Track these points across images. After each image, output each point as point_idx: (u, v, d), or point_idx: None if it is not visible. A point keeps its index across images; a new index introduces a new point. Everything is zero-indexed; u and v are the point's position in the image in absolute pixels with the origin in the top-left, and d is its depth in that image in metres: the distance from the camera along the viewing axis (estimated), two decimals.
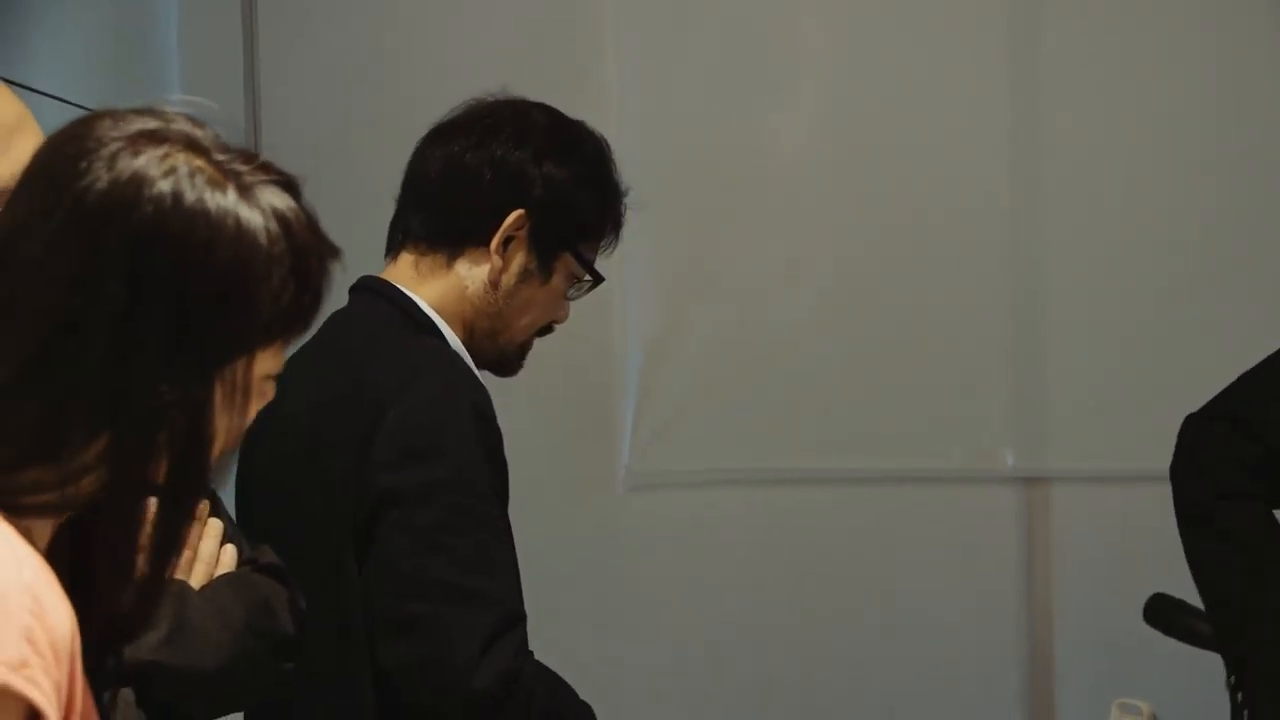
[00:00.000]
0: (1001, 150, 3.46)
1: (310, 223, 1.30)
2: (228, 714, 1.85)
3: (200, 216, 1.24)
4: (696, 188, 3.49)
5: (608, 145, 2.32)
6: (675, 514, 3.49)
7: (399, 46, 3.50)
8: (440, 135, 2.27)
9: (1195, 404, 3.42)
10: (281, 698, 1.97)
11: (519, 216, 2.19)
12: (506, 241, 2.20)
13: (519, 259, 2.21)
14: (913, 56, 3.46)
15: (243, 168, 1.28)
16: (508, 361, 2.30)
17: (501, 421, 3.46)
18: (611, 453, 3.50)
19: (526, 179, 2.21)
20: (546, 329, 2.32)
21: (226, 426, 1.27)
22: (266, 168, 1.29)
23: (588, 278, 2.28)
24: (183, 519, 1.28)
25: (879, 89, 3.47)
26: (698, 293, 3.49)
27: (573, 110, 3.48)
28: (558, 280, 2.25)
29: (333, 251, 1.32)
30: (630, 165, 3.46)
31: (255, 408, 1.32)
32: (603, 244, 2.30)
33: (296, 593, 1.81)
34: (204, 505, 1.75)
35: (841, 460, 3.48)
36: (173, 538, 1.28)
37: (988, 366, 3.47)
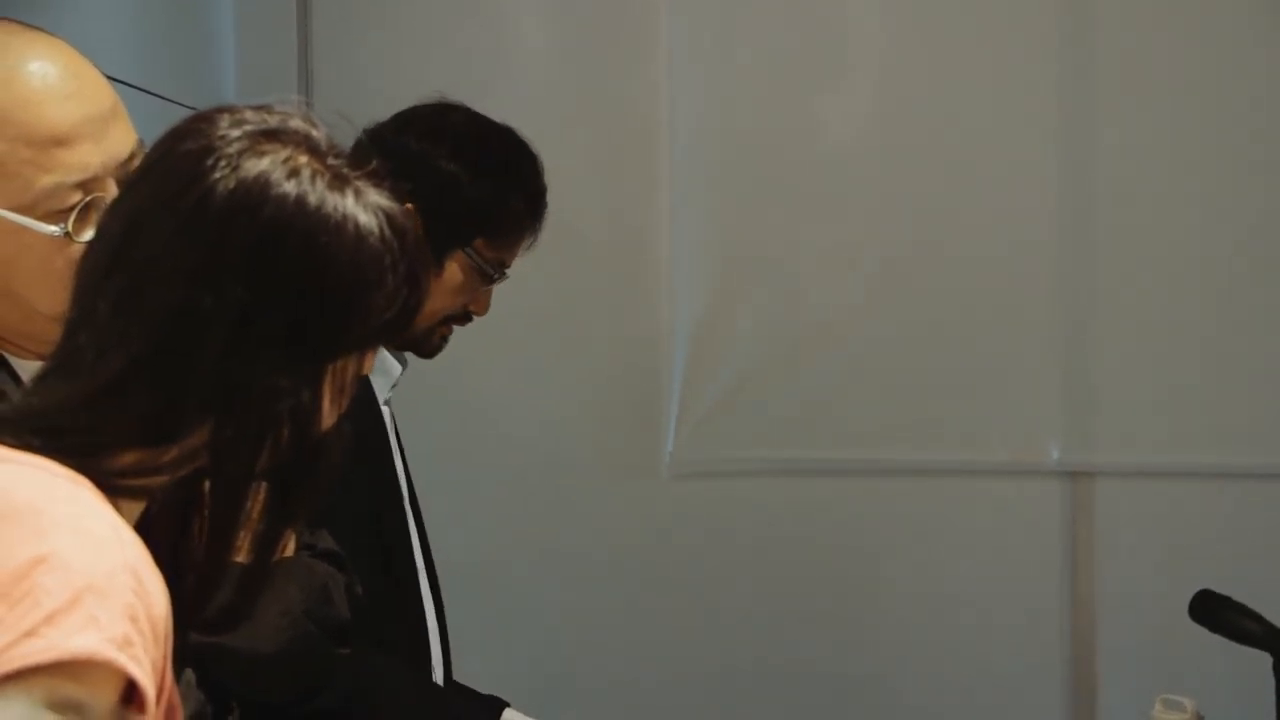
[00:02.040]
0: (1052, 141, 3.44)
1: (419, 227, 1.33)
2: (284, 697, 1.86)
3: (322, 220, 1.27)
4: (746, 173, 3.48)
5: (525, 147, 2.36)
6: (719, 502, 3.49)
7: (452, 27, 3.50)
8: (379, 125, 2.32)
9: (1243, 399, 3.41)
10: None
11: (408, 211, 2.22)
12: None
13: None
14: (966, 45, 3.45)
15: (357, 171, 1.31)
16: (418, 346, 2.34)
17: (546, 406, 3.48)
18: (656, 439, 3.50)
19: (420, 172, 2.24)
20: (463, 317, 2.35)
21: (330, 421, 1.30)
22: (374, 174, 1.32)
23: (500, 274, 2.32)
24: (289, 515, 1.31)
25: (931, 77, 3.46)
26: (745, 279, 3.48)
27: (623, 94, 3.50)
28: (453, 272, 2.29)
29: (427, 249, 1.35)
30: (680, 150, 3.47)
31: (342, 403, 1.34)
32: (513, 240, 2.33)
33: (353, 578, 1.82)
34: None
35: (886, 451, 3.47)
36: (277, 531, 1.31)
37: (1034, 359, 3.45)
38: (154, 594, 1.20)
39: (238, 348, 1.25)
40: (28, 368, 1.58)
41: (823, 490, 3.48)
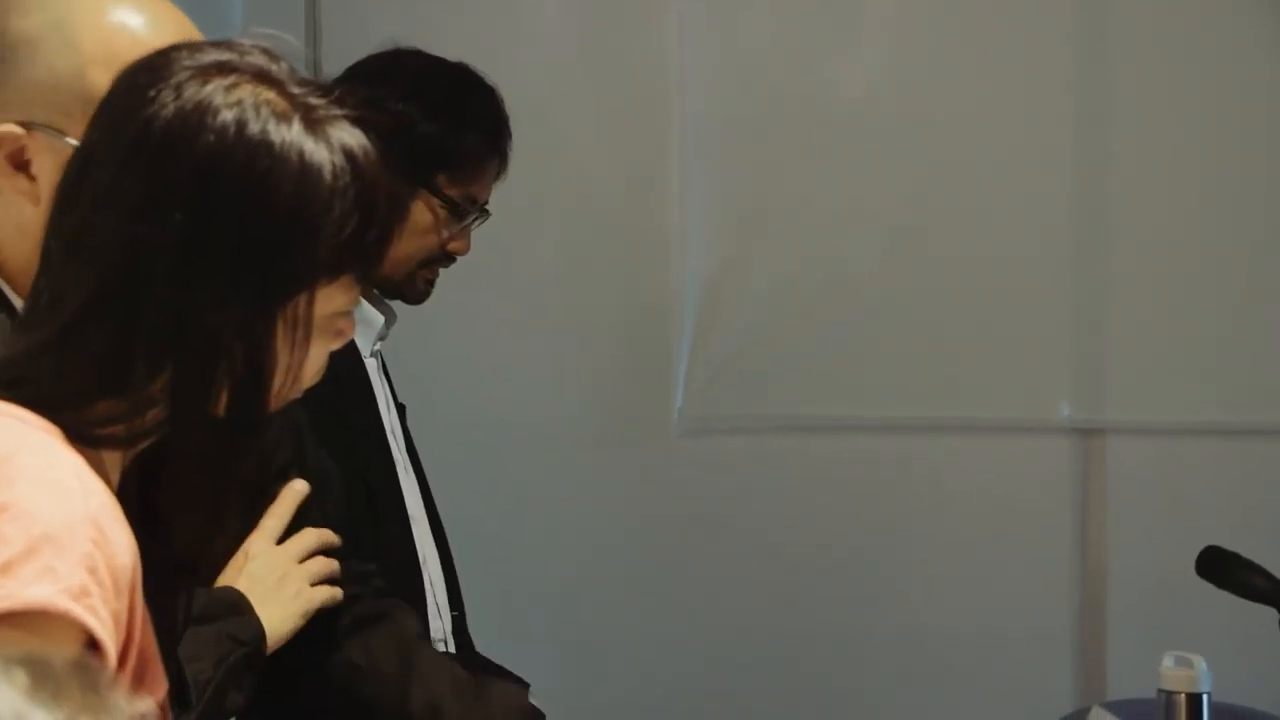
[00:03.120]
0: (1068, 101, 3.43)
1: (381, 160, 1.30)
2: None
3: (263, 147, 1.24)
4: (757, 132, 3.47)
5: (479, 81, 2.34)
6: (728, 459, 3.49)
7: None
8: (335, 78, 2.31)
9: (1253, 357, 3.40)
10: None
11: None
12: None
13: None
14: (981, 3, 3.43)
15: (318, 101, 1.28)
16: (401, 292, 2.33)
17: (556, 364, 3.47)
18: (665, 397, 3.49)
19: (371, 117, 2.23)
20: (444, 259, 2.34)
21: (287, 363, 1.27)
22: (343, 101, 1.30)
23: (477, 213, 2.31)
24: (240, 452, 1.28)
25: (945, 35, 3.44)
26: (756, 236, 3.47)
27: (635, 54, 3.48)
28: (420, 213, 2.28)
29: (400, 190, 1.32)
30: (692, 109, 3.46)
31: (326, 346, 1.32)
32: (475, 174, 2.31)
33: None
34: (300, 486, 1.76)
35: (897, 408, 3.47)
36: (230, 470, 1.28)
37: (1046, 317, 3.45)
38: (117, 545, 1.18)
39: (184, 281, 1.23)
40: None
41: (833, 447, 3.48)
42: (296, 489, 1.80)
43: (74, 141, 1.45)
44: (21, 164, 1.47)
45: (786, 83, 3.46)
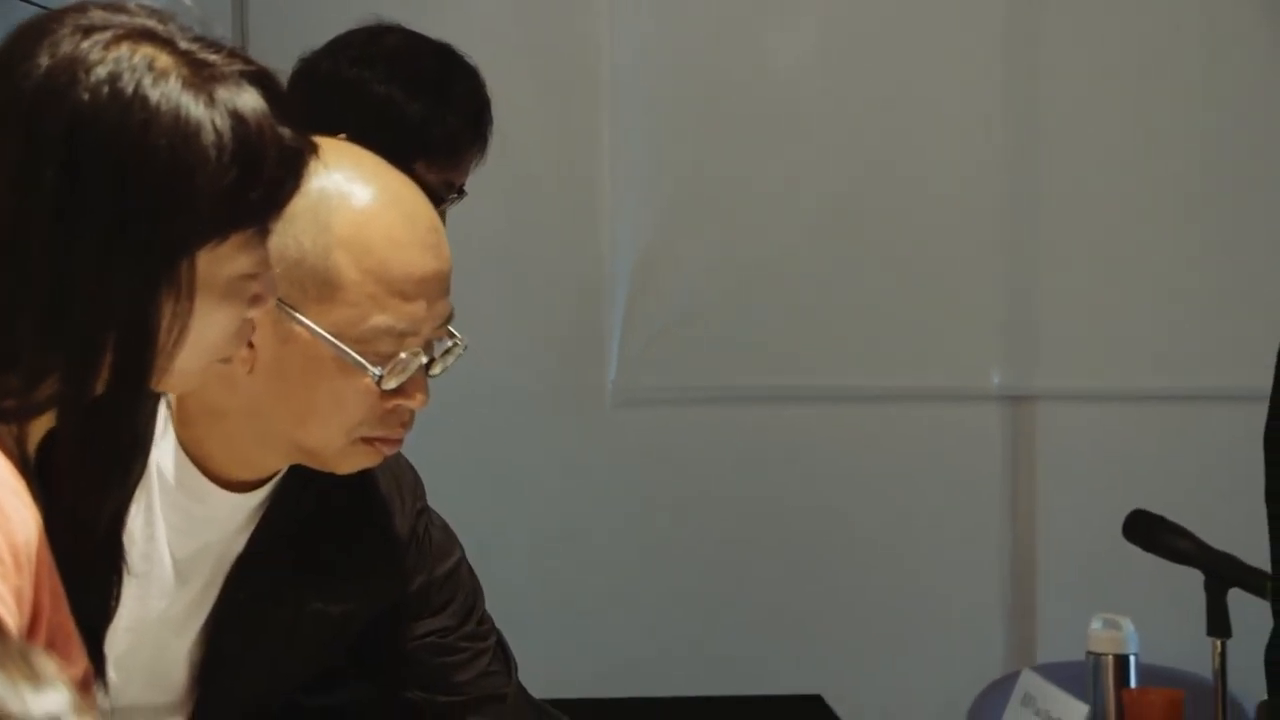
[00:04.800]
0: (998, 74, 3.45)
1: (271, 117, 1.25)
2: None
3: (136, 103, 1.20)
4: (689, 105, 3.48)
5: (462, 64, 2.33)
6: (662, 429, 3.50)
7: None
8: (313, 53, 2.29)
9: (1179, 325, 3.44)
10: None
11: (340, 140, 2.21)
12: None
13: None
14: None
15: (210, 58, 1.24)
16: None
17: (488, 333, 3.47)
18: (599, 368, 3.50)
19: (355, 99, 2.22)
20: None
21: (180, 327, 1.23)
22: (235, 57, 1.26)
23: (453, 195, 2.29)
24: (127, 419, 1.25)
25: (876, 12, 3.46)
26: (688, 209, 3.48)
27: (566, 27, 3.48)
28: None
29: (297, 148, 1.27)
30: (623, 82, 3.46)
31: (240, 311, 1.28)
32: (455, 160, 2.30)
33: None
34: None
35: (830, 377, 3.49)
36: (117, 438, 1.25)
37: (976, 286, 3.48)
38: (15, 520, 1.16)
39: (61, 247, 1.19)
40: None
41: (765, 417, 3.50)
42: None
43: (304, 321, 1.47)
44: None
45: (718, 57, 3.47)
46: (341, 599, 1.69)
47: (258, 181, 1.24)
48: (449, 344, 1.65)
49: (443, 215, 2.34)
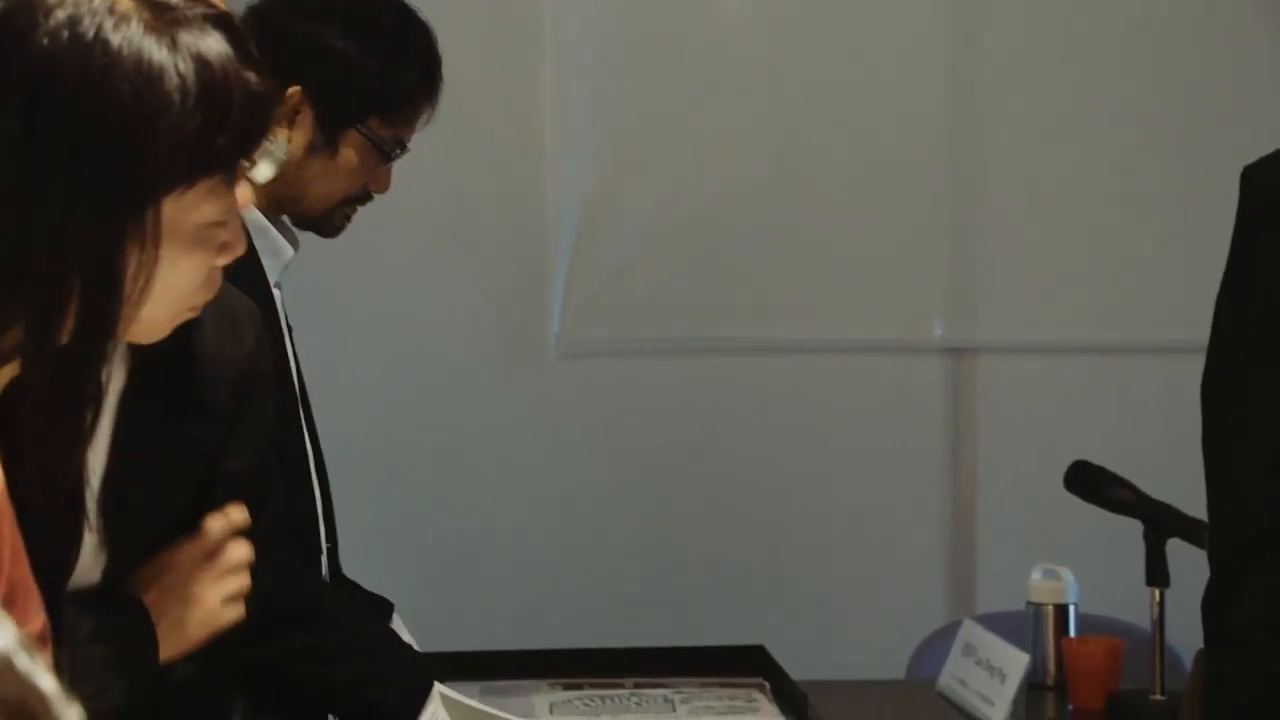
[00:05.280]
0: (939, 23, 3.46)
1: (236, 62, 1.24)
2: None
3: (97, 46, 1.19)
4: (634, 55, 3.47)
5: (416, 19, 2.32)
6: (606, 382, 3.50)
7: None
8: (264, 3, 2.27)
9: (1120, 278, 3.46)
10: None
11: (295, 94, 2.19)
12: (295, 114, 2.20)
13: (303, 134, 2.22)
14: None
15: (173, 1, 1.23)
16: (319, 228, 2.31)
17: (432, 288, 3.46)
18: (542, 320, 3.50)
19: (309, 53, 2.21)
20: (363, 197, 2.32)
21: (146, 276, 1.22)
22: (198, 1, 1.24)
23: (399, 150, 2.29)
24: (91, 368, 1.23)
25: None
26: (631, 160, 3.47)
27: None
28: (348, 154, 2.25)
29: (262, 93, 1.26)
30: (567, 30, 3.44)
31: (208, 260, 1.26)
32: (407, 115, 2.29)
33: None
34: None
35: (773, 329, 3.50)
36: (81, 387, 1.24)
37: (918, 239, 3.49)
38: None
39: (23, 194, 1.17)
40: None
41: (709, 369, 3.50)
42: (234, 518, 1.74)
43: None
44: None
45: (661, 7, 3.46)
46: (208, 424, 1.67)
47: (223, 127, 1.23)
48: None
49: (389, 173, 2.33)
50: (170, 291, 1.24)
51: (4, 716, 0.70)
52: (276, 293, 2.28)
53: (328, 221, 2.32)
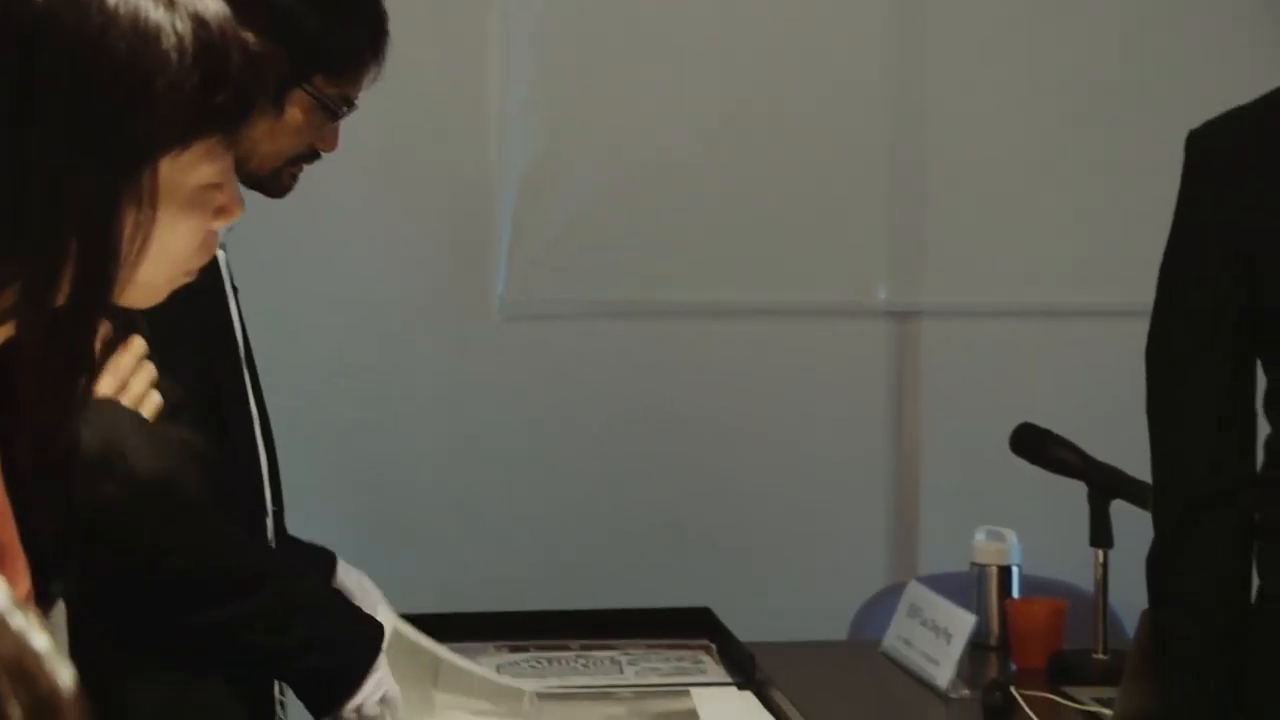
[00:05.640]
0: None
1: (232, 21, 1.24)
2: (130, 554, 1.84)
3: (93, 5, 1.18)
4: (579, 16, 3.45)
5: None
6: (550, 343, 3.50)
7: None
8: None
9: (1061, 242, 3.48)
10: None
11: None
12: None
13: None
14: None
15: None
16: (266, 187, 2.29)
17: (373, 244, 3.44)
18: (487, 281, 3.48)
19: (253, 11, 2.19)
20: (310, 155, 2.30)
21: (143, 238, 1.21)
22: None
23: (346, 109, 2.27)
24: (86, 331, 1.23)
25: None
26: (576, 122, 3.46)
27: None
28: (294, 113, 2.23)
29: (259, 54, 1.25)
30: None
31: (204, 223, 1.26)
32: (355, 73, 2.28)
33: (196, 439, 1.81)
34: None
35: (717, 293, 3.50)
36: (76, 351, 1.24)
37: (863, 202, 3.49)
38: None
39: (18, 153, 1.16)
40: None
41: (654, 331, 3.50)
42: (135, 349, 1.74)
43: None
44: None
45: None
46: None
47: (220, 87, 1.22)
48: None
49: (337, 131, 2.31)
50: (167, 254, 1.24)
51: (1, 674, 0.70)
52: (221, 254, 2.27)
53: (275, 181, 2.30)
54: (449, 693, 2.32)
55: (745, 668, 2.49)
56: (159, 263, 1.24)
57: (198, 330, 2.13)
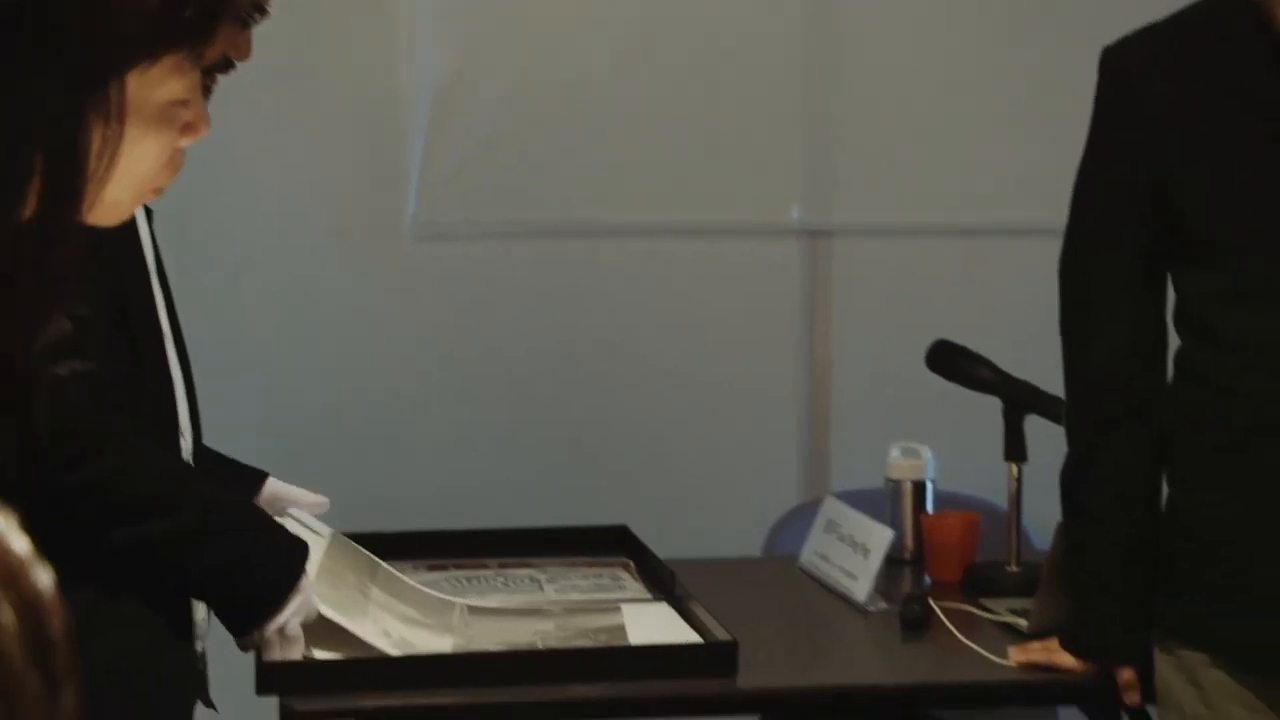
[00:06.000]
0: None
1: None
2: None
3: None
4: None
5: None
6: (462, 263, 3.48)
7: None
8: None
9: (973, 161, 3.50)
10: None
11: None
12: None
13: None
14: None
15: None
16: None
17: (281, 164, 3.40)
18: (398, 201, 3.46)
19: None
20: (224, 65, 2.28)
21: (110, 153, 1.20)
22: None
23: (259, 15, 2.24)
24: (54, 249, 1.22)
25: None
26: (488, 41, 3.43)
27: None
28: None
29: None
30: None
31: (172, 139, 1.25)
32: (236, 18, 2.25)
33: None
34: None
35: (630, 213, 3.50)
36: (44, 269, 1.23)
37: (776, 122, 3.49)
38: None
39: None
40: None
41: (567, 252, 3.49)
42: None
43: None
44: None
45: None
46: None
47: (188, 1, 1.21)
48: None
49: (248, 37, 2.28)
50: (134, 171, 1.23)
51: None
52: None
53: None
54: (385, 593, 2.33)
55: (666, 584, 2.51)
56: (126, 180, 1.23)
57: (106, 248, 2.10)
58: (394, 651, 2.19)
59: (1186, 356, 2.21)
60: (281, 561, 2.09)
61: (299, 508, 2.36)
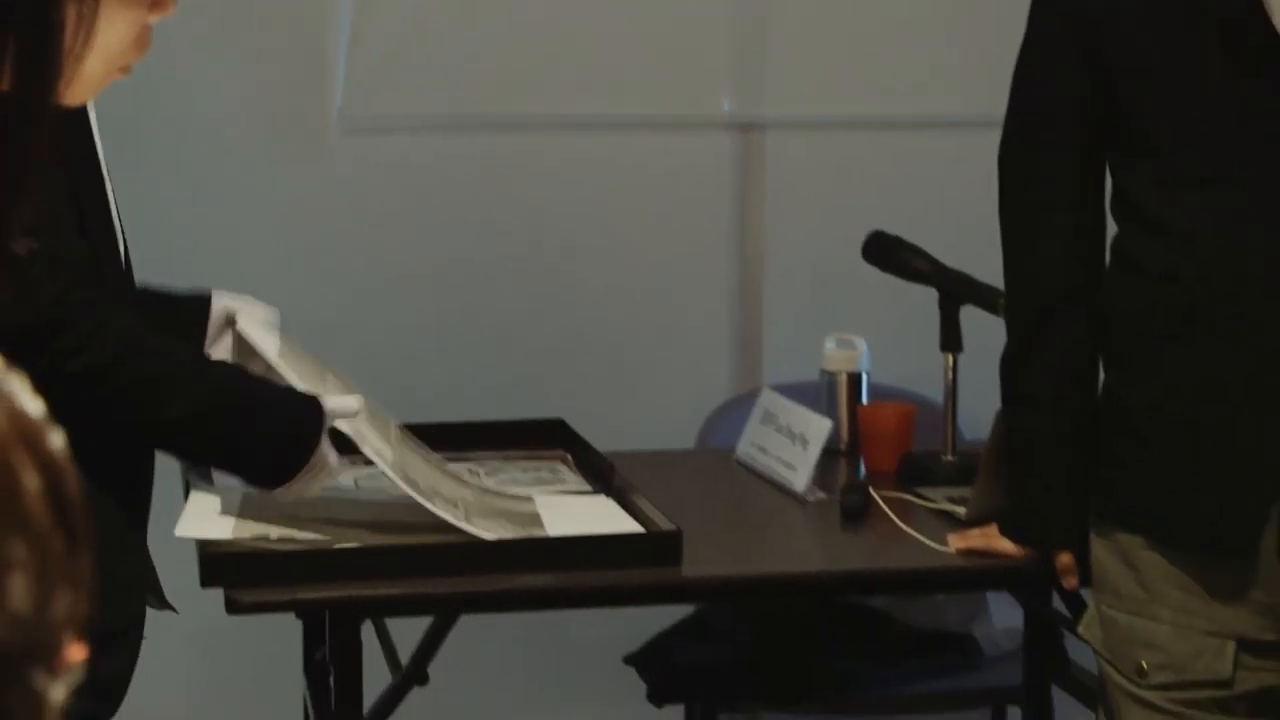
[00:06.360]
0: None
1: None
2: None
3: None
4: None
5: None
6: (391, 159, 3.44)
7: None
8: None
9: (906, 52, 3.49)
10: None
11: None
12: None
13: None
14: None
15: None
16: None
17: (201, 59, 3.35)
18: (324, 95, 3.41)
19: None
20: None
21: (86, 30, 1.20)
22: None
23: None
24: (30, 124, 1.21)
25: None
26: None
27: None
28: None
29: None
30: None
31: (141, 16, 1.26)
32: None
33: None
34: None
35: (559, 105, 3.47)
36: (20, 145, 1.21)
37: (706, 13, 3.47)
38: None
39: None
40: None
41: (497, 145, 3.47)
42: None
43: None
44: None
45: None
46: None
47: None
48: None
49: None
50: (106, 47, 1.22)
51: (15, 441, 0.70)
52: None
53: None
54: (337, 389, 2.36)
55: (605, 476, 2.51)
56: (98, 56, 1.22)
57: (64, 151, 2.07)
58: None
59: (1123, 244, 2.22)
60: (294, 432, 2.09)
61: (251, 319, 2.35)
